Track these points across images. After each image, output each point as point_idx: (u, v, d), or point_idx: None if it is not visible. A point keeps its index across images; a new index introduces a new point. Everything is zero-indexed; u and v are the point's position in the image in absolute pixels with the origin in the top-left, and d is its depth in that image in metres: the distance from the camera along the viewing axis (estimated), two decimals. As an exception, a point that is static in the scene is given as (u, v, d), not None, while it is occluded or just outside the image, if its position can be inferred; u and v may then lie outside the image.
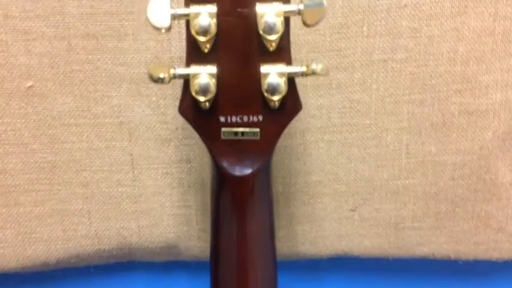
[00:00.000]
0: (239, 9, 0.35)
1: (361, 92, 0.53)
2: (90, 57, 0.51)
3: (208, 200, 0.56)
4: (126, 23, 0.50)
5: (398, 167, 0.55)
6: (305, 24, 0.35)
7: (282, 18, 0.35)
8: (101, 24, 0.50)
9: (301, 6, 0.35)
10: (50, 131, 0.52)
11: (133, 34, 0.50)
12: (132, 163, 0.54)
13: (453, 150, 0.55)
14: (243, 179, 0.37)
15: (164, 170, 0.54)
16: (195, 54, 0.36)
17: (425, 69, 0.52)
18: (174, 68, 0.36)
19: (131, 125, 0.53)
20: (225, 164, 0.37)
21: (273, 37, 0.35)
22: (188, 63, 0.36)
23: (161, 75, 0.35)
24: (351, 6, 0.51)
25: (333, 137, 0.54)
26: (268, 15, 0.35)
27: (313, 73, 0.35)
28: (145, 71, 0.51)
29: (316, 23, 0.35)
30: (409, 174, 0.55)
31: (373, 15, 0.51)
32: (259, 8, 0.35)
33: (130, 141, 0.53)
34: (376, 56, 0.52)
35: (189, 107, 0.37)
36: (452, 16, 0.51)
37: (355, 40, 0.52)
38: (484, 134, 0.54)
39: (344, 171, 0.55)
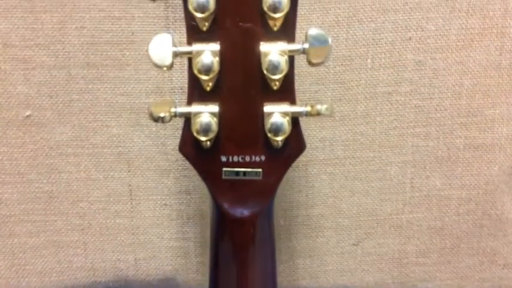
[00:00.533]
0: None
1: (365, 124, 0.52)
2: (90, 86, 0.50)
3: (207, 233, 0.54)
4: (128, 53, 0.49)
5: (402, 200, 0.54)
6: (310, 63, 0.34)
7: (286, 57, 0.34)
8: (101, 54, 0.49)
9: (306, 45, 0.34)
10: (47, 161, 0.51)
11: (134, 64, 0.50)
12: (131, 194, 0.53)
13: (458, 185, 0.54)
14: (244, 220, 0.36)
15: (163, 202, 0.53)
16: (196, 92, 0.35)
17: (430, 102, 0.52)
18: (175, 107, 0.35)
19: (130, 155, 0.52)
20: (225, 205, 0.36)
21: (277, 76, 0.34)
22: (190, 102, 0.35)
23: (161, 115, 0.34)
24: (355, 39, 0.50)
25: (336, 169, 0.53)
26: (272, 54, 0.34)
27: (318, 114, 0.34)
28: (146, 100, 0.51)
29: (322, 62, 0.34)
30: (413, 208, 0.54)
31: (378, 48, 0.50)
32: (263, 46, 0.34)
33: (129, 171, 0.52)
34: (380, 88, 0.51)
35: (190, 146, 0.36)
36: (457, 49, 0.51)
37: (359, 72, 0.51)
38: (490, 169, 0.53)
39: (347, 205, 0.54)
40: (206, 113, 0.34)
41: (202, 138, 0.34)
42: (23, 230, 0.53)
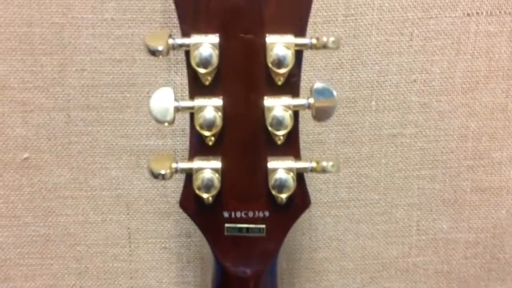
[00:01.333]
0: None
1: (370, 166, 0.51)
2: (89, 128, 0.49)
3: (208, 277, 0.53)
4: (128, 95, 0.49)
5: (408, 244, 0.53)
6: (315, 118, 0.34)
7: (290, 112, 0.33)
8: (102, 96, 0.48)
9: (311, 100, 0.33)
10: (44, 204, 0.50)
11: (134, 106, 0.49)
12: (129, 237, 0.52)
13: (466, 228, 0.53)
14: (246, 279, 0.35)
15: (162, 245, 0.52)
16: (198, 147, 0.34)
17: (436, 144, 0.51)
18: (176, 162, 0.34)
19: (129, 198, 0.51)
20: (227, 263, 0.35)
21: (282, 132, 0.33)
22: (191, 157, 0.34)
23: (162, 172, 0.33)
24: (359, 81, 0.49)
25: (340, 212, 0.52)
26: (276, 109, 0.33)
27: (324, 171, 0.33)
28: (147, 143, 0.50)
29: (327, 118, 0.34)
30: (419, 251, 0.53)
31: (382, 90, 0.50)
32: (267, 101, 0.33)
33: (128, 214, 0.51)
34: (385, 130, 0.50)
35: (191, 201, 0.35)
36: (463, 92, 0.50)
37: (363, 114, 0.50)
38: (498, 212, 0.52)
39: (351, 248, 0.53)
40: (208, 169, 0.33)
41: (204, 195, 0.33)
42: (18, 274, 0.51)
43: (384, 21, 0.48)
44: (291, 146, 0.34)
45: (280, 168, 0.33)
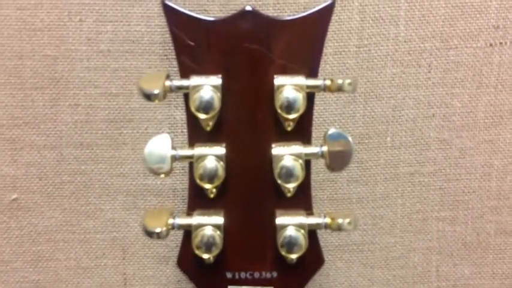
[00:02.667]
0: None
1: (385, 207, 0.48)
2: (83, 167, 0.46)
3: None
4: (125, 131, 0.46)
5: (427, 291, 0.49)
6: (329, 168, 0.30)
7: (301, 162, 0.30)
8: (96, 133, 0.45)
9: (325, 148, 0.30)
10: (34, 248, 0.47)
11: (132, 143, 0.46)
12: (125, 283, 0.48)
13: (489, 274, 0.49)
14: None
15: (161, 291, 0.48)
16: (198, 200, 0.31)
17: (457, 184, 0.47)
18: (174, 217, 0.30)
19: (125, 241, 0.47)
20: (231, 331, 0.31)
21: (292, 185, 0.30)
22: (190, 211, 0.31)
23: (157, 230, 0.29)
24: (373, 115, 0.46)
25: (353, 256, 0.48)
26: (286, 158, 0.30)
27: (339, 228, 0.30)
28: (144, 182, 0.47)
29: (343, 168, 0.30)
30: (439, 299, 0.49)
31: (398, 125, 0.46)
32: (275, 149, 0.30)
33: (123, 259, 0.48)
34: (401, 168, 0.47)
35: (190, 260, 0.31)
36: (486, 127, 0.46)
37: (377, 151, 0.47)
38: (525, 257, 0.48)
39: (365, 295, 0.49)
40: (209, 226, 0.30)
41: (205, 255, 0.30)
42: (5, 322, 0.48)
43: (400, 52, 0.45)
44: (301, 199, 0.31)
45: (290, 225, 0.30)
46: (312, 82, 0.30)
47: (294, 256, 0.30)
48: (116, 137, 0.45)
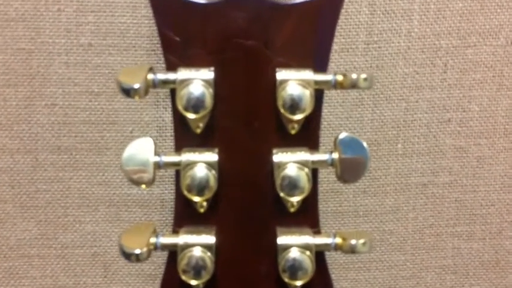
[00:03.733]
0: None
1: (395, 221, 0.44)
2: (60, 174, 0.42)
3: None
4: (108, 135, 0.42)
5: (440, 314, 0.45)
6: (341, 179, 0.26)
7: (308, 171, 0.25)
8: (76, 136, 0.42)
9: (335, 156, 0.26)
10: (5, 264, 0.43)
11: (115, 148, 0.42)
12: (107, 304, 0.44)
13: (509, 295, 0.45)
14: None
15: (147, 313, 0.44)
16: (186, 216, 0.26)
17: (474, 196, 0.44)
18: (156, 236, 0.26)
19: (107, 257, 0.44)
20: None
21: (296, 198, 0.25)
22: (176, 228, 0.26)
23: (136, 251, 0.25)
24: (383, 120, 0.42)
25: (360, 275, 0.45)
26: (289, 167, 0.25)
27: (352, 251, 0.25)
28: (128, 191, 0.43)
29: (356, 179, 0.26)
30: (454, 323, 0.45)
31: (410, 131, 0.43)
32: (277, 156, 0.26)
33: (105, 277, 0.44)
34: (413, 179, 0.44)
35: (175, 286, 0.27)
36: (506, 134, 0.43)
37: (387, 159, 0.43)
38: (548, 277, 0.44)
39: (372, 318, 0.45)
40: (198, 247, 0.25)
41: (193, 282, 0.25)
42: None
43: (413, 50, 0.42)
44: (307, 215, 0.27)
45: (294, 246, 0.26)
46: (320, 77, 0.26)
47: (298, 283, 0.26)
48: (98, 140, 0.42)
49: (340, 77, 0.25)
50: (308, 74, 0.26)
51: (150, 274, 0.44)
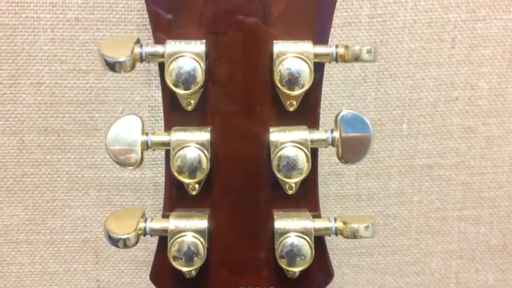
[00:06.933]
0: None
1: (399, 205, 0.43)
2: (48, 157, 0.40)
3: None
4: (97, 115, 0.40)
5: (445, 300, 0.44)
6: (342, 159, 0.24)
7: (306, 151, 0.23)
8: (64, 117, 0.40)
9: (336, 134, 0.24)
10: (-8, 250, 0.41)
11: (105, 129, 0.40)
12: (99, 291, 0.42)
13: (516, 281, 0.43)
14: None
15: (141, 300, 0.43)
16: (177, 198, 0.25)
17: (481, 178, 0.43)
18: (145, 220, 0.24)
19: (98, 243, 0.42)
20: None
21: (294, 179, 0.24)
22: (167, 213, 0.24)
23: (124, 236, 0.23)
24: (387, 99, 0.40)
25: (362, 260, 0.44)
26: (287, 147, 0.23)
27: (354, 236, 0.24)
28: (120, 175, 0.41)
29: (359, 159, 0.24)
30: (459, 309, 0.44)
31: (416, 110, 0.41)
32: (274, 135, 0.24)
33: (96, 263, 0.42)
34: (418, 160, 0.42)
35: (166, 274, 0.25)
36: (516, 113, 0.41)
37: (391, 140, 0.41)
38: (557, 262, 0.43)
39: (374, 305, 0.44)
40: (190, 232, 0.24)
41: (185, 269, 0.24)
42: (-39, 335, 0.42)
43: (419, 24, 0.39)
44: (306, 198, 0.25)
45: (292, 231, 0.24)
46: (320, 49, 0.24)
47: (296, 269, 0.24)
48: (87, 121, 0.40)
49: (341, 49, 0.23)
50: (307, 46, 0.23)
51: (143, 260, 0.42)
